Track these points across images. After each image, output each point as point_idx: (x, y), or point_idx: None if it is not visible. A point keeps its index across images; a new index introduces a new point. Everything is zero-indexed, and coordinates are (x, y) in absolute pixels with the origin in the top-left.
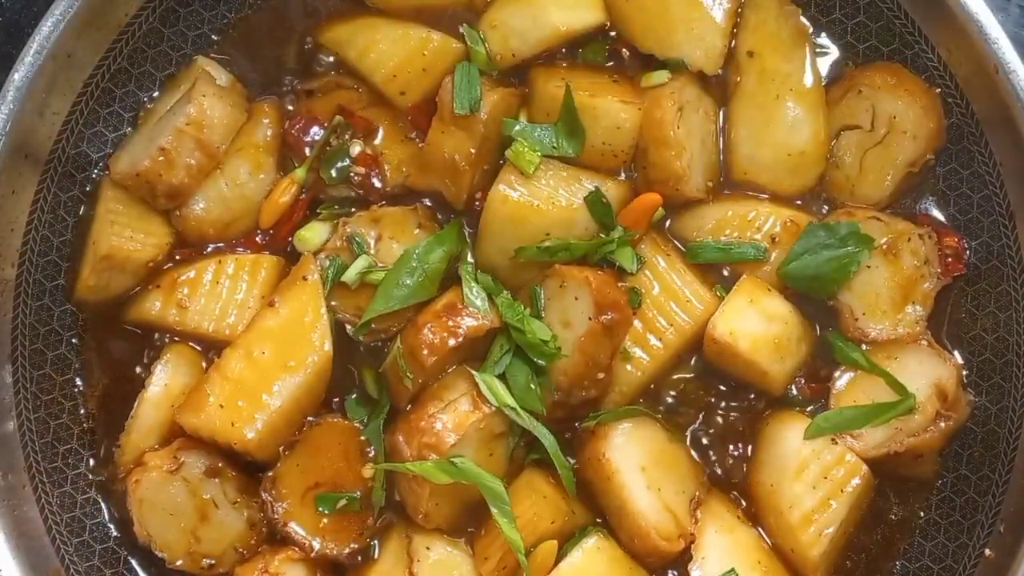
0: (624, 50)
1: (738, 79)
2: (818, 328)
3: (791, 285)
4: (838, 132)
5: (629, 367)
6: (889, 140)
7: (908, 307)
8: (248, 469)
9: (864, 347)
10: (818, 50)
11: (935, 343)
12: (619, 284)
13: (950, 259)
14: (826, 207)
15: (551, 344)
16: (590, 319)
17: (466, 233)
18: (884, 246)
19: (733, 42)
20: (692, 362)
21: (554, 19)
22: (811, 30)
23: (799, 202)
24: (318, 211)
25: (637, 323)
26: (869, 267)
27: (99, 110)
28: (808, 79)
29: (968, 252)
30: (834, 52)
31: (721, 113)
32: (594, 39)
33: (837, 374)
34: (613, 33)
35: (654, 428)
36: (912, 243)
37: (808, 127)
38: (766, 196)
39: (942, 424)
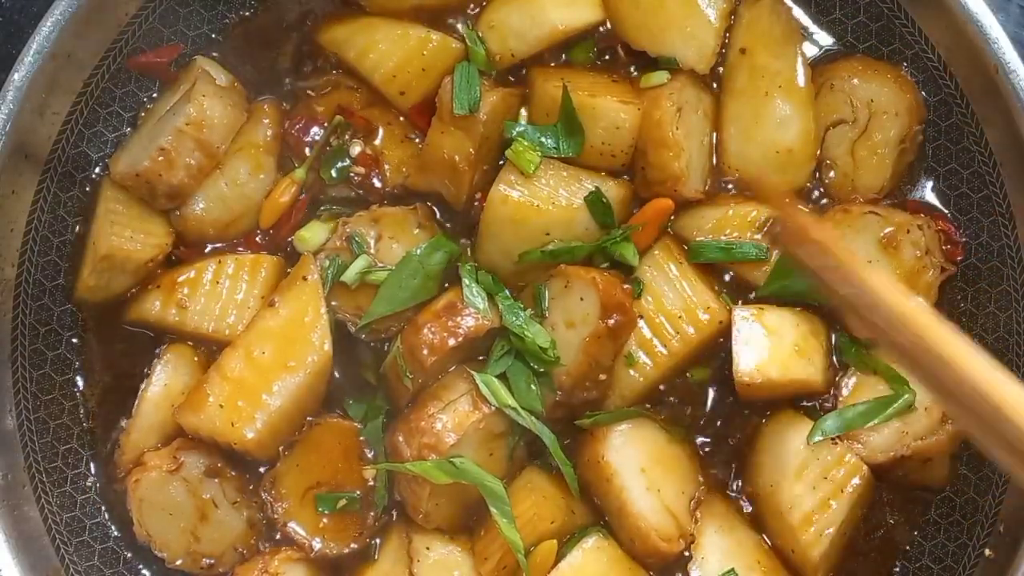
0: (619, 47)
1: (730, 76)
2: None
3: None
4: (824, 131)
5: (632, 372)
6: (874, 124)
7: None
8: (248, 469)
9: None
10: (817, 50)
11: None
12: (624, 285)
13: (947, 246)
14: (826, 206)
15: (550, 352)
16: (595, 321)
17: (463, 235)
18: (884, 239)
19: (726, 41)
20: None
21: (552, 18)
22: (805, 28)
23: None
24: (318, 211)
25: (645, 329)
26: (871, 262)
27: (99, 110)
28: (798, 77)
29: (963, 238)
30: (834, 52)
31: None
32: (584, 38)
33: (838, 374)
34: (603, 31)
35: (654, 429)
36: (912, 234)
37: (796, 124)
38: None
39: (949, 426)
